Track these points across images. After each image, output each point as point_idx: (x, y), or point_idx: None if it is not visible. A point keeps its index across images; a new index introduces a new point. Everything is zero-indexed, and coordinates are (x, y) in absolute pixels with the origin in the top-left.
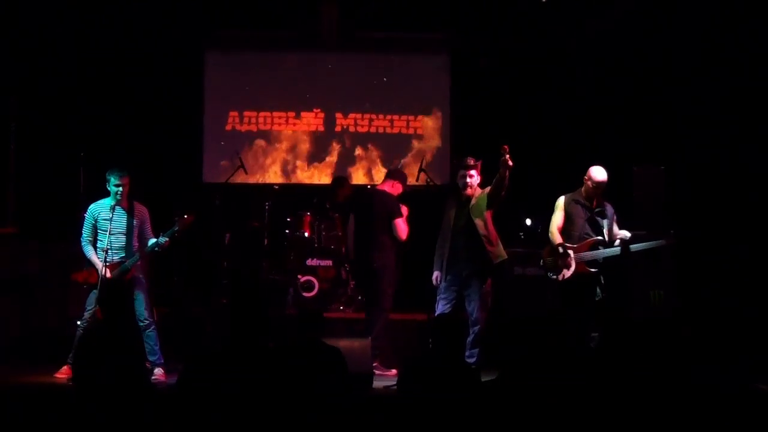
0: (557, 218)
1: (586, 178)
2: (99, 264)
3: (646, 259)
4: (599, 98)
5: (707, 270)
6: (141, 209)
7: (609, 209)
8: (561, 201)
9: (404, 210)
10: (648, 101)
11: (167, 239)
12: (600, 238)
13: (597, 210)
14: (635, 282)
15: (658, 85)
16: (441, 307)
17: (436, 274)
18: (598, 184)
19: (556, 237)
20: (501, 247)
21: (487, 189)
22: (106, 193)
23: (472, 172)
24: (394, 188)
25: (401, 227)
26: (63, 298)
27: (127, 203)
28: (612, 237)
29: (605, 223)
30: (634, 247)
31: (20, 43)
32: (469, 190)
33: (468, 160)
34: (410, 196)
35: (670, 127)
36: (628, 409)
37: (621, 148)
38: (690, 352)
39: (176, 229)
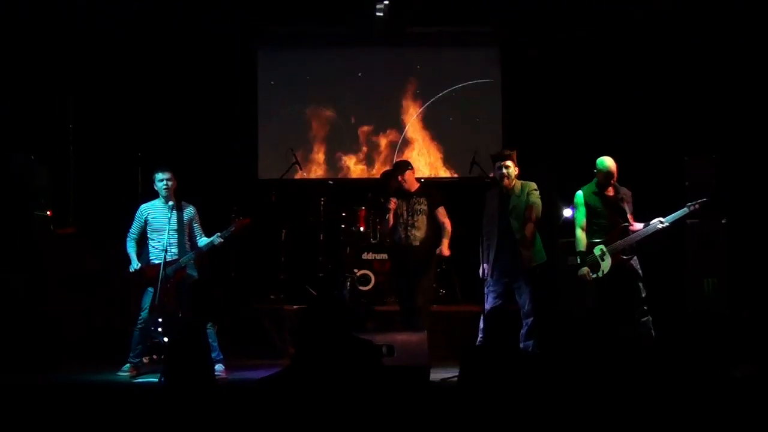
0: (580, 217)
1: (595, 170)
2: (134, 261)
3: (698, 247)
4: (649, 87)
5: (761, 257)
6: (189, 207)
7: (627, 194)
8: (580, 197)
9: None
10: (699, 89)
11: (222, 240)
12: (626, 224)
13: (619, 197)
14: (688, 270)
15: (709, 73)
16: (491, 300)
17: (483, 266)
18: (605, 174)
19: (580, 241)
20: (538, 249)
21: (533, 189)
22: (157, 193)
23: (508, 162)
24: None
25: None
26: (125, 297)
27: (176, 201)
28: (632, 221)
29: (627, 208)
30: (667, 219)
31: (76, 44)
32: (506, 181)
33: (503, 151)
34: (462, 188)
35: (723, 116)
36: (680, 403)
37: (672, 137)
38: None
39: (232, 229)
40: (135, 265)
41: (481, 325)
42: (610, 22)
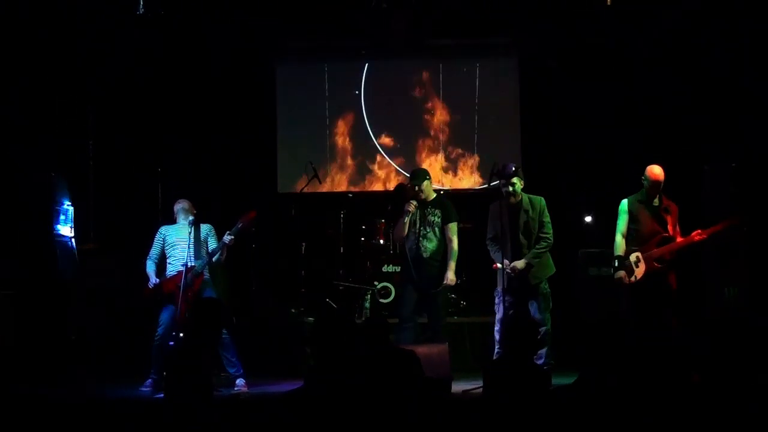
0: (621, 224)
1: (643, 178)
2: (152, 278)
3: (718, 255)
4: (668, 96)
5: None
6: (205, 225)
7: (672, 207)
8: (624, 204)
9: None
10: (717, 98)
11: (232, 237)
12: (666, 234)
13: (663, 207)
14: (709, 278)
15: (725, 82)
16: (501, 310)
17: (505, 262)
18: (654, 183)
19: (619, 246)
20: (546, 263)
21: (545, 208)
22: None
23: (514, 179)
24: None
25: None
26: (147, 312)
27: (193, 222)
28: (676, 234)
29: (670, 220)
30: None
31: (96, 60)
32: (513, 199)
33: (508, 170)
34: (481, 199)
35: (740, 124)
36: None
37: (690, 146)
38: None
39: (240, 225)
40: (153, 280)
41: (497, 336)
42: (626, 31)
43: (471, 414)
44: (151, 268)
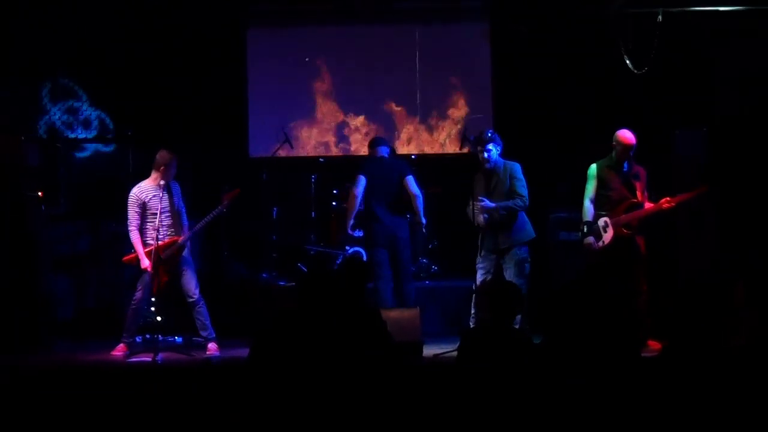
0: (590, 189)
1: (614, 143)
2: (142, 255)
3: (690, 221)
4: (640, 61)
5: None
6: (177, 186)
7: (642, 172)
8: (593, 169)
9: None
10: (688, 62)
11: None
12: (634, 200)
13: (633, 173)
14: (681, 244)
15: (697, 46)
16: (480, 275)
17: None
18: (625, 147)
19: (587, 212)
20: (519, 228)
21: (515, 174)
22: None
23: (490, 146)
24: None
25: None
26: (116, 277)
27: (164, 186)
28: (644, 200)
29: (639, 186)
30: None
31: (64, 21)
32: (488, 165)
33: (482, 135)
34: (452, 164)
35: (711, 89)
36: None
37: (662, 111)
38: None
39: (225, 204)
40: (143, 260)
41: (474, 300)
42: None
43: (444, 379)
44: (136, 238)
